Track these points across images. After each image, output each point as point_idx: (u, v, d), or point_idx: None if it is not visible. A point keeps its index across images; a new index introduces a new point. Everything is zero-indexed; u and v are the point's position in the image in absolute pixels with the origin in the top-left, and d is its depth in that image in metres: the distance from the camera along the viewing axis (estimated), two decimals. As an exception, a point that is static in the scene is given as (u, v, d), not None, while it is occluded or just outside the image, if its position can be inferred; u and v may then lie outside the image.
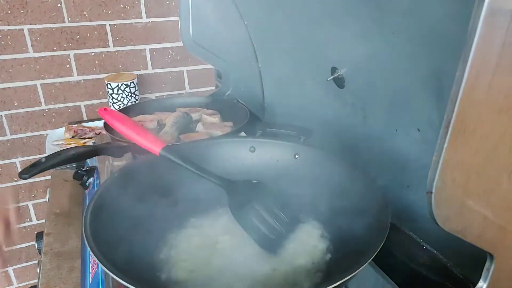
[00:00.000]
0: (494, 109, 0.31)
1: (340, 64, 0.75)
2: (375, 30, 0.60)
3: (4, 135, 1.36)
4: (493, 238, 0.36)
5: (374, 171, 0.72)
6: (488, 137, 0.32)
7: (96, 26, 1.34)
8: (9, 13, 1.23)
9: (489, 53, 0.29)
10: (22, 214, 0.62)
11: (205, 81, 1.54)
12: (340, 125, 0.83)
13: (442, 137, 0.31)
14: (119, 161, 0.80)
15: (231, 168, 0.68)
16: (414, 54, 0.56)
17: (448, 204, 0.34)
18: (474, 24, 0.27)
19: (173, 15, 1.40)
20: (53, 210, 0.93)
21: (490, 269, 0.38)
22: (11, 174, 1.41)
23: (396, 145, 0.68)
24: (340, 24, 0.69)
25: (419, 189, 0.66)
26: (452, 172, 0.32)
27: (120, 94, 1.24)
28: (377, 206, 0.52)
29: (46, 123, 1.39)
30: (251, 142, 0.69)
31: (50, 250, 0.80)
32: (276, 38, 0.98)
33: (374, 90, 0.69)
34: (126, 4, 1.34)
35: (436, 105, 0.56)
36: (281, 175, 0.67)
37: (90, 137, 1.24)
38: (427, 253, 0.65)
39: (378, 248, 0.43)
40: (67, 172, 1.05)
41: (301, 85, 0.94)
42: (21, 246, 1.52)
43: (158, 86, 1.49)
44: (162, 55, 1.45)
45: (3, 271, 0.98)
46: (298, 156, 0.67)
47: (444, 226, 0.35)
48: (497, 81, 0.30)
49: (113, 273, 0.41)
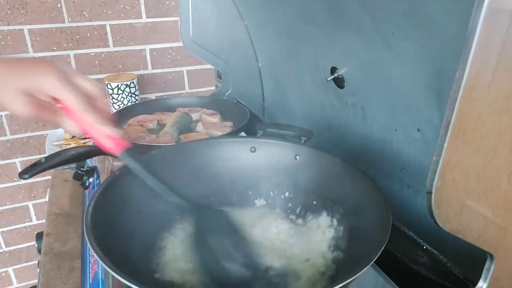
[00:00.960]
0: (494, 109, 0.31)
1: (340, 64, 0.75)
2: (375, 30, 0.60)
3: (4, 135, 1.36)
4: (493, 238, 0.36)
5: (374, 171, 0.72)
6: (488, 137, 0.32)
7: (96, 26, 1.34)
8: (9, 13, 1.23)
9: (489, 53, 0.29)
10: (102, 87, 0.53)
11: (205, 81, 1.54)
12: (340, 125, 0.83)
13: (442, 137, 0.31)
14: (119, 161, 0.80)
15: (231, 168, 0.68)
16: (414, 54, 0.56)
17: (448, 204, 0.34)
18: (474, 24, 0.27)
19: (173, 15, 1.40)
20: (53, 210, 0.93)
21: (490, 269, 0.38)
22: (11, 174, 1.41)
23: (396, 145, 0.68)
24: (340, 24, 0.69)
25: (419, 189, 0.66)
26: (452, 172, 0.32)
27: (120, 94, 1.24)
28: (378, 208, 0.52)
29: (46, 123, 1.39)
30: (251, 142, 0.69)
31: (50, 250, 0.80)
32: (276, 38, 0.98)
33: (374, 90, 0.69)
34: (126, 4, 1.34)
35: (436, 105, 0.56)
36: (282, 175, 0.67)
37: (90, 137, 1.24)
38: (427, 253, 0.65)
39: (379, 251, 0.43)
40: (67, 172, 1.05)
41: (301, 85, 0.94)
42: (21, 246, 1.52)
43: (158, 86, 1.49)
44: (162, 55, 1.45)
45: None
46: (299, 157, 0.67)
47: (444, 226, 0.35)
48: (497, 81, 0.30)
49: (115, 272, 0.41)
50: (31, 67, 0.46)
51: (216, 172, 0.67)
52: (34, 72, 0.46)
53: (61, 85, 0.46)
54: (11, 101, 0.45)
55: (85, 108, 0.48)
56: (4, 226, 1.48)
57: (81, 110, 0.48)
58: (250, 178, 0.68)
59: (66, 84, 0.47)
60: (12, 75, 0.45)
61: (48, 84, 0.46)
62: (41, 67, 0.46)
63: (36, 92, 0.46)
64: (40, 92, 0.47)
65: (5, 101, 0.45)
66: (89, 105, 0.49)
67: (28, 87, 0.46)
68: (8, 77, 0.45)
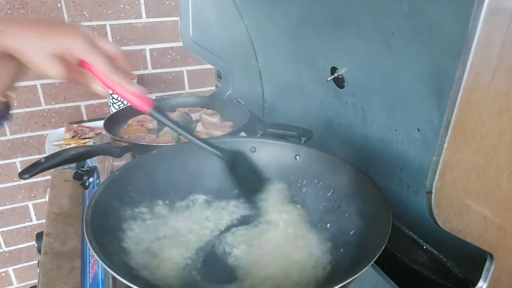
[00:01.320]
0: (494, 109, 0.31)
1: (340, 64, 0.75)
2: (375, 30, 0.60)
3: (4, 135, 1.36)
4: (493, 238, 0.36)
5: (374, 171, 0.72)
6: (488, 137, 0.32)
7: (96, 26, 1.34)
8: (9, 13, 1.23)
9: (489, 53, 0.29)
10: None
11: (205, 81, 1.54)
12: (340, 125, 0.83)
13: (442, 137, 0.31)
14: (119, 161, 0.80)
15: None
16: (414, 54, 0.56)
17: (448, 204, 0.34)
18: (474, 24, 0.27)
19: (173, 15, 1.40)
20: (53, 210, 0.93)
21: (490, 269, 0.37)
22: (11, 174, 1.41)
23: (396, 145, 0.68)
24: (340, 24, 0.69)
25: (419, 189, 0.66)
26: (452, 172, 0.32)
27: (120, 94, 1.24)
28: (378, 208, 0.52)
29: (46, 123, 1.39)
30: (252, 143, 0.70)
31: (50, 250, 0.80)
32: (276, 38, 0.98)
33: (374, 90, 0.69)
34: (126, 4, 1.34)
35: (436, 105, 0.56)
36: (282, 176, 0.67)
37: (90, 137, 1.24)
38: (427, 253, 0.65)
39: (379, 251, 0.43)
40: (67, 172, 1.05)
41: (301, 85, 0.95)
42: (21, 246, 1.52)
43: (158, 86, 1.49)
44: (162, 55, 1.45)
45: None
46: (299, 157, 0.67)
47: (444, 226, 0.35)
48: (497, 81, 0.30)
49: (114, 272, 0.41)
50: (60, 32, 0.49)
51: (216, 172, 0.67)
52: (64, 37, 0.49)
53: (88, 48, 0.49)
54: (47, 65, 0.48)
55: (111, 69, 0.52)
56: (4, 226, 1.48)
57: (108, 71, 0.51)
58: (250, 178, 0.68)
59: (92, 47, 0.50)
60: (43, 40, 0.48)
61: (77, 48, 0.49)
62: (68, 31, 0.49)
63: (67, 55, 0.49)
64: (70, 55, 0.49)
65: (41, 65, 0.48)
66: (113, 66, 0.52)
67: (59, 51, 0.48)
68: (39, 42, 0.47)
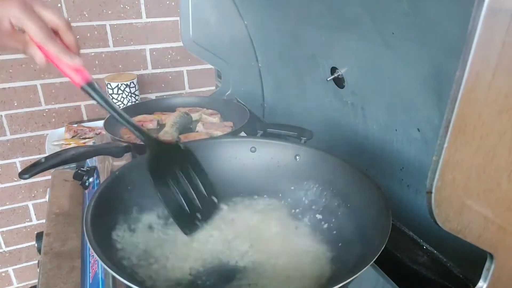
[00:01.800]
0: (494, 109, 0.31)
1: (340, 64, 0.75)
2: (375, 30, 0.60)
3: (4, 135, 1.36)
4: (493, 238, 0.36)
5: (374, 171, 0.72)
6: (488, 137, 0.32)
7: (96, 26, 1.34)
8: (9, 13, 1.23)
9: (489, 53, 0.29)
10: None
11: (205, 81, 1.54)
12: (340, 125, 0.83)
13: (442, 137, 0.31)
14: (119, 161, 0.80)
15: (231, 168, 0.68)
16: (414, 54, 0.56)
17: (448, 204, 0.34)
18: (474, 24, 0.27)
19: (173, 15, 1.40)
20: (53, 210, 0.93)
21: (490, 269, 0.38)
22: (11, 174, 1.41)
23: (396, 145, 0.68)
24: (340, 24, 0.69)
25: (419, 189, 0.66)
26: (452, 172, 0.32)
27: (120, 94, 1.24)
28: (378, 208, 0.52)
29: (46, 123, 1.39)
30: (252, 142, 0.69)
31: (50, 250, 0.80)
32: (276, 38, 0.98)
33: (374, 90, 0.69)
34: (126, 4, 1.34)
35: (436, 105, 0.56)
36: (282, 176, 0.67)
37: (90, 137, 1.24)
38: (427, 253, 0.65)
39: (379, 251, 0.43)
40: (67, 172, 1.05)
41: (301, 85, 0.95)
42: (21, 246, 1.52)
43: (158, 86, 1.49)
44: (162, 55, 1.45)
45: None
46: (299, 157, 0.67)
47: (444, 226, 0.35)
48: (497, 81, 0.30)
49: (114, 272, 0.41)
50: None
51: (216, 172, 0.67)
52: (2, 4, 0.50)
53: (23, 16, 0.50)
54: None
55: (46, 39, 0.52)
56: (4, 226, 1.48)
57: (42, 40, 0.52)
58: (250, 178, 0.68)
59: (29, 15, 0.50)
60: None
61: (12, 15, 0.50)
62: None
63: (4, 22, 0.50)
64: (7, 22, 0.50)
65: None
66: (51, 36, 0.52)
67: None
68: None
